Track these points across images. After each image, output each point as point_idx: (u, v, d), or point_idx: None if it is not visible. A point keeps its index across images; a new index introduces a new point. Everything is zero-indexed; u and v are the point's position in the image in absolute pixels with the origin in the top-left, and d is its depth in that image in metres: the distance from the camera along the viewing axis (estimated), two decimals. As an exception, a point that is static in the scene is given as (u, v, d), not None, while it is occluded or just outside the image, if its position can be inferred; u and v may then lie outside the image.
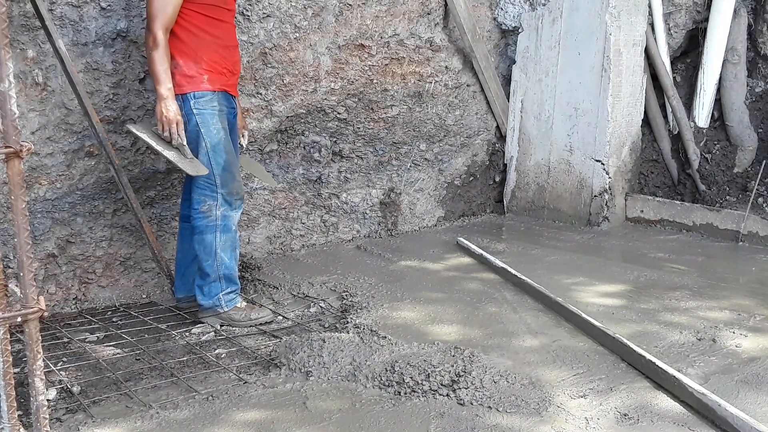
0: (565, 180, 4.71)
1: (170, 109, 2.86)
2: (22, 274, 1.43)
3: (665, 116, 4.90)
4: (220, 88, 3.00)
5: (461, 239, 4.22)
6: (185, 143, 2.92)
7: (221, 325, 3.11)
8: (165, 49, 2.84)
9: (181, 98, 2.92)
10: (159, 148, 2.92)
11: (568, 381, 2.48)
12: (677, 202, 4.59)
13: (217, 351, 2.88)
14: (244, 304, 3.19)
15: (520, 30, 4.80)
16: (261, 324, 3.12)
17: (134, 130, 3.00)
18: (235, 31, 3.14)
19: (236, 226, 3.12)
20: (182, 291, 3.31)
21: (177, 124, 2.87)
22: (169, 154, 2.91)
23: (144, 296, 3.59)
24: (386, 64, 4.22)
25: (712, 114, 4.85)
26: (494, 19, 4.85)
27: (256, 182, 3.96)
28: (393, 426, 2.20)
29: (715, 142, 4.84)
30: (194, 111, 2.94)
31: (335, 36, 3.96)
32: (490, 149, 5.06)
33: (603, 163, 4.52)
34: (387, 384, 2.44)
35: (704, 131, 4.82)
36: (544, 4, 4.70)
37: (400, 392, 2.39)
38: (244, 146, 3.43)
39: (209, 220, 3.02)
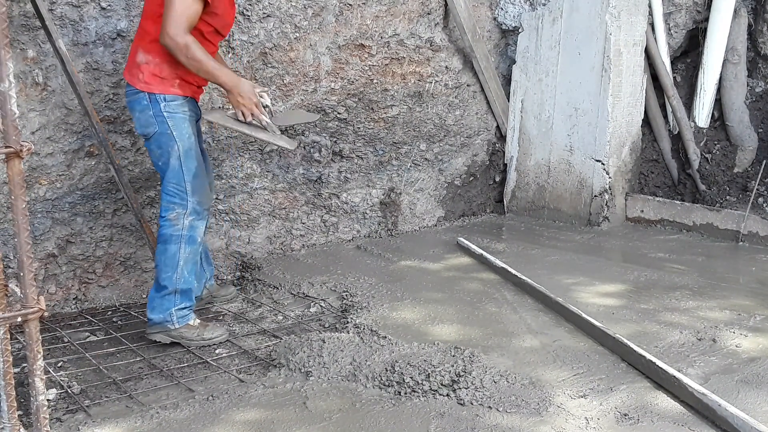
0: (566, 180, 4.71)
1: (246, 95, 2.79)
2: (22, 274, 1.43)
3: (665, 116, 4.90)
4: (189, 95, 2.89)
5: (461, 239, 4.22)
6: (270, 121, 2.84)
7: (171, 342, 2.94)
8: (197, 45, 2.69)
9: (148, 97, 2.79)
10: (248, 131, 2.86)
11: (568, 381, 2.48)
12: (677, 202, 4.59)
13: (217, 351, 2.88)
14: (198, 321, 2.98)
15: (520, 30, 4.80)
16: (214, 344, 2.94)
17: (213, 119, 2.94)
18: (216, 53, 3.05)
19: (201, 239, 2.97)
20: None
21: (256, 106, 2.81)
22: (262, 135, 2.86)
23: (144, 296, 3.58)
24: (386, 64, 4.22)
25: (712, 114, 4.85)
26: (494, 19, 4.85)
27: (256, 182, 3.96)
28: (393, 426, 2.21)
29: (715, 142, 4.84)
30: (165, 114, 2.80)
31: (335, 36, 3.96)
32: (490, 149, 5.06)
33: (603, 163, 4.52)
34: (387, 384, 2.44)
35: (704, 131, 4.82)
36: (544, 4, 4.70)
37: (400, 392, 2.39)
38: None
39: (175, 229, 2.87)
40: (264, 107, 2.92)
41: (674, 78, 4.91)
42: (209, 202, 2.99)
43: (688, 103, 4.87)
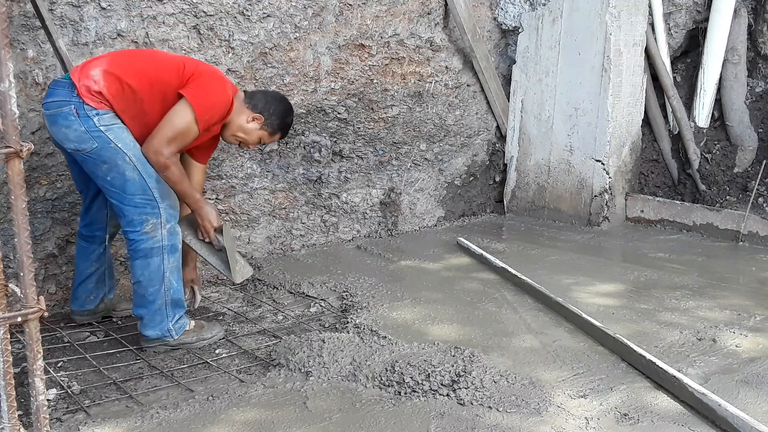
0: (566, 180, 4.71)
1: (206, 218, 2.82)
2: (22, 274, 1.43)
3: (665, 116, 4.90)
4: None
5: (461, 239, 4.22)
6: (225, 245, 2.86)
7: (172, 348, 2.90)
8: (178, 166, 2.71)
9: (75, 111, 2.57)
10: (203, 253, 2.93)
11: (568, 381, 2.48)
12: (677, 202, 4.59)
13: (217, 351, 2.88)
14: (193, 323, 2.93)
15: (520, 30, 4.80)
16: (214, 342, 2.94)
17: (182, 230, 2.89)
18: None
19: (181, 243, 2.85)
20: (76, 305, 3.13)
21: (213, 230, 2.85)
22: (213, 260, 2.93)
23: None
24: (386, 64, 4.22)
25: (712, 114, 4.85)
26: (494, 19, 4.85)
27: (256, 182, 3.96)
28: (393, 426, 2.21)
29: (715, 142, 4.84)
30: (101, 127, 2.59)
31: (335, 36, 3.96)
32: (491, 149, 5.06)
33: (603, 163, 4.52)
34: (387, 384, 2.44)
35: (704, 131, 4.82)
36: (544, 4, 4.70)
37: (400, 392, 2.39)
38: None
39: (154, 241, 2.70)
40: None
41: (674, 78, 4.91)
42: (178, 202, 2.85)
43: (688, 103, 4.87)
